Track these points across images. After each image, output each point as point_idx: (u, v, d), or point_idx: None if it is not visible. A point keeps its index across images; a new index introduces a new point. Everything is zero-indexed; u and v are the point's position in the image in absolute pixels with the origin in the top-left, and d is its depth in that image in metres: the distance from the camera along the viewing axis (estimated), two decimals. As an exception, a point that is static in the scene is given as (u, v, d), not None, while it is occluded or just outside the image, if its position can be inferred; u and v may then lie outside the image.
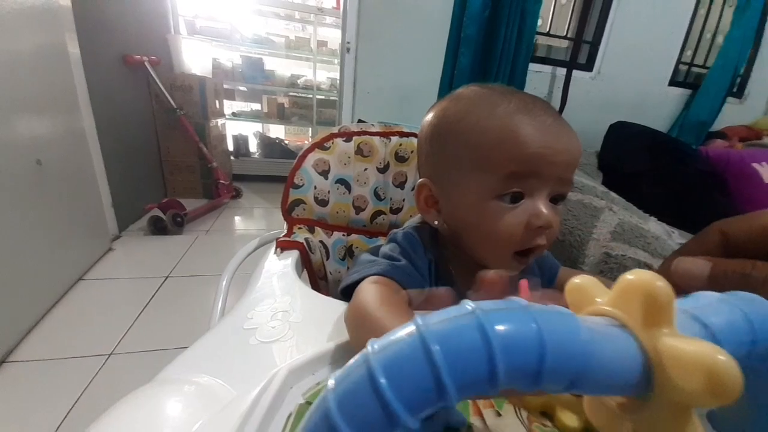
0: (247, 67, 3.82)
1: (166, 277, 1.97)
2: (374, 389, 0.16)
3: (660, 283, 0.18)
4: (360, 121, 2.06)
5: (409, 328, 0.17)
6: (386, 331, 0.18)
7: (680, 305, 0.19)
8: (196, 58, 3.20)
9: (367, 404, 0.16)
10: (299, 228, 0.87)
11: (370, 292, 0.45)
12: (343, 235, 0.93)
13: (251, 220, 2.94)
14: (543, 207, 0.48)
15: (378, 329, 0.36)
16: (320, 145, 0.88)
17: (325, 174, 0.88)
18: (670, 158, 2.11)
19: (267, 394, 0.34)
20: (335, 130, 0.90)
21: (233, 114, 3.97)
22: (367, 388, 0.16)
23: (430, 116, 0.57)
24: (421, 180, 0.58)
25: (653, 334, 0.17)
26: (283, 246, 0.78)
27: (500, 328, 0.16)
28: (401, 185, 0.94)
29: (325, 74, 4.10)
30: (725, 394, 0.16)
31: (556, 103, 2.97)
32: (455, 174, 0.52)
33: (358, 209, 0.93)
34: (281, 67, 4.03)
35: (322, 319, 0.53)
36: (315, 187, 0.88)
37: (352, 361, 0.18)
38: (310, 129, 4.19)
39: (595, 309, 0.20)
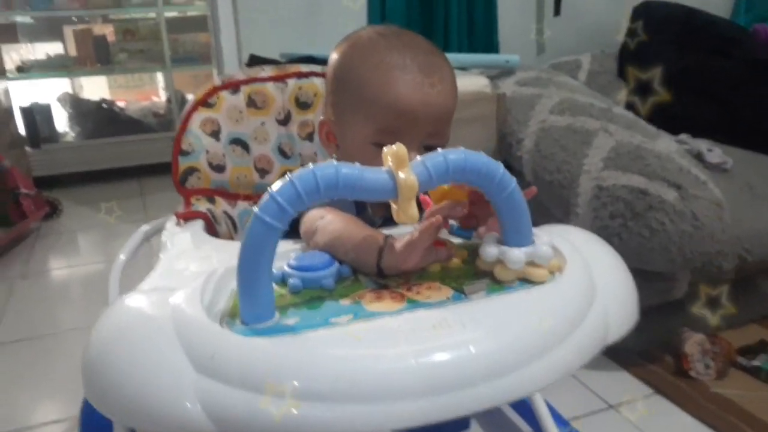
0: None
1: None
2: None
3: (400, 149, 0.37)
4: (253, 58, 1.55)
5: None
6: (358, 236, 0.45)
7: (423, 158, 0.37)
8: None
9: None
10: (197, 199, 0.76)
11: (331, 216, 0.49)
12: (250, 204, 0.81)
13: (88, 248, 2.00)
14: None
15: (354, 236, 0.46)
16: (203, 102, 0.77)
17: (215, 135, 0.77)
18: (705, 48, 1.68)
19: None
20: (217, 81, 0.78)
21: (19, 69, 2.44)
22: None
23: (334, 56, 0.61)
24: (322, 117, 0.63)
25: (399, 171, 0.36)
26: (184, 217, 0.68)
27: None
28: (309, 137, 0.81)
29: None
30: (408, 191, 0.36)
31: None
32: (347, 116, 0.59)
33: (263, 172, 0.81)
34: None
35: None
36: (207, 152, 0.77)
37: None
38: (161, 75, 2.69)
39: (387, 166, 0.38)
